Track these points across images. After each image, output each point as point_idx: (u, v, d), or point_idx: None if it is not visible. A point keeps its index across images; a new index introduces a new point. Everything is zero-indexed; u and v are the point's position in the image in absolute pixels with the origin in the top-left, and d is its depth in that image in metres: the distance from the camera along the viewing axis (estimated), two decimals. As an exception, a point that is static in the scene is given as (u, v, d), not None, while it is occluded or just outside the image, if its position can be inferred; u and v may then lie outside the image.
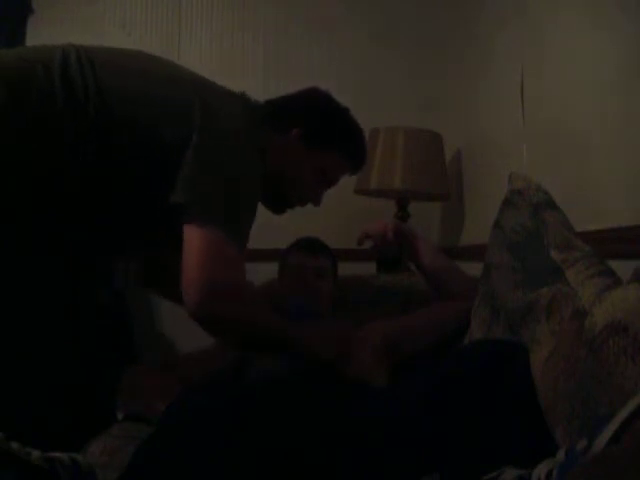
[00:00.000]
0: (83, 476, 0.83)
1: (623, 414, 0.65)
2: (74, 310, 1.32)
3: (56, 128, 1.15)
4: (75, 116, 1.15)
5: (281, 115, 1.42)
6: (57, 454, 0.82)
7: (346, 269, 1.81)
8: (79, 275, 1.32)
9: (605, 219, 1.40)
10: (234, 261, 1.19)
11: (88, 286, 1.44)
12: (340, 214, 2.40)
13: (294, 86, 1.52)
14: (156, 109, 1.21)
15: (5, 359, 1.18)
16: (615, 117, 1.40)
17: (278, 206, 1.49)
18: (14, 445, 0.77)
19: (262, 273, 1.77)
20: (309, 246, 1.67)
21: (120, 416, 1.38)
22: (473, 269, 1.69)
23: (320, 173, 1.46)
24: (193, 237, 1.16)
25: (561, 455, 0.67)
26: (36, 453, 0.79)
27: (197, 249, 1.15)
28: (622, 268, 1.15)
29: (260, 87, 1.49)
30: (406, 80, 2.52)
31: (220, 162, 1.20)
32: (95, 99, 1.16)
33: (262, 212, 1.58)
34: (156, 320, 2.33)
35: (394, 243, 1.66)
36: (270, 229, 2.16)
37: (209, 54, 2.49)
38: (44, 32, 2.36)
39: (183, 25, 2.50)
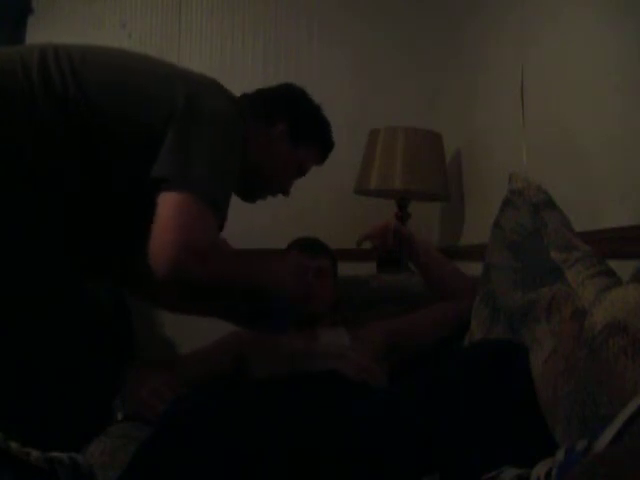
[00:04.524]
0: (83, 476, 0.83)
1: (624, 414, 0.64)
2: (74, 309, 1.31)
3: (40, 128, 1.15)
4: (56, 114, 1.15)
5: (263, 108, 1.43)
6: (57, 454, 0.81)
7: (346, 269, 1.81)
8: (79, 274, 1.32)
9: (605, 219, 1.40)
10: (209, 225, 1.18)
11: (88, 285, 1.44)
12: (340, 214, 2.41)
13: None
14: (138, 98, 1.22)
15: (5, 359, 1.18)
16: (615, 117, 1.40)
17: (250, 195, 1.50)
18: (13, 445, 0.77)
19: (262, 273, 1.76)
20: (309, 246, 1.67)
21: (120, 416, 1.38)
22: (473, 269, 1.69)
23: (298, 166, 1.49)
24: (168, 201, 1.15)
25: (560, 455, 0.67)
26: (35, 453, 0.78)
27: (171, 212, 1.14)
28: (622, 268, 1.15)
29: (260, 87, 1.48)
30: (406, 80, 2.52)
31: (201, 136, 1.20)
32: (75, 94, 1.16)
33: (262, 213, 1.59)
34: (156, 320, 2.33)
35: (393, 244, 1.66)
36: (270, 229, 2.16)
37: (209, 54, 2.50)
38: (44, 32, 2.36)
39: (183, 25, 2.50)
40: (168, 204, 1.15)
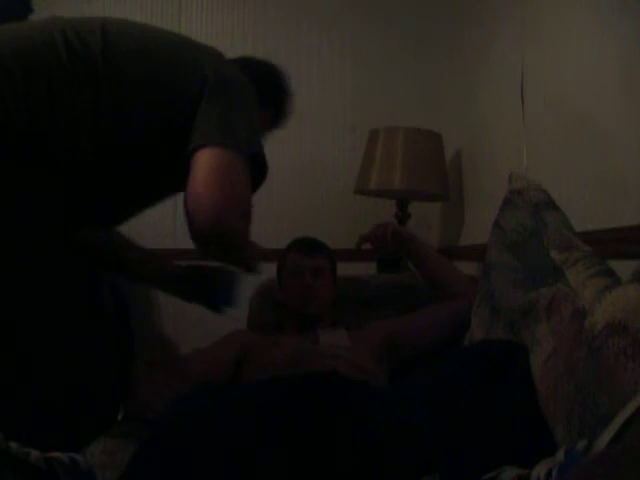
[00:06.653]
0: (83, 476, 0.83)
1: (624, 415, 0.64)
2: (74, 309, 1.31)
3: (67, 95, 1.14)
4: (85, 80, 1.15)
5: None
6: (56, 454, 0.81)
7: (346, 269, 1.81)
8: (79, 274, 1.32)
9: (605, 219, 1.40)
10: (247, 181, 1.19)
11: (88, 283, 1.44)
12: (340, 214, 2.41)
13: (294, 87, 1.53)
14: (166, 65, 1.23)
15: (5, 358, 1.18)
16: (615, 117, 1.40)
17: None
18: (13, 445, 0.77)
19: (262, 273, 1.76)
20: (307, 246, 1.67)
21: (120, 416, 1.38)
22: (473, 269, 1.69)
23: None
24: (206, 156, 1.15)
25: (561, 455, 0.67)
26: (35, 453, 0.78)
27: (212, 166, 1.14)
28: (622, 268, 1.15)
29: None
30: (406, 80, 2.52)
31: (235, 101, 1.23)
32: (101, 59, 1.17)
33: (262, 213, 1.58)
34: (156, 320, 2.32)
35: (392, 246, 1.66)
36: (269, 229, 2.16)
37: (209, 54, 2.49)
38: (44, 32, 2.36)
39: (183, 25, 2.50)
40: (205, 159, 1.15)
